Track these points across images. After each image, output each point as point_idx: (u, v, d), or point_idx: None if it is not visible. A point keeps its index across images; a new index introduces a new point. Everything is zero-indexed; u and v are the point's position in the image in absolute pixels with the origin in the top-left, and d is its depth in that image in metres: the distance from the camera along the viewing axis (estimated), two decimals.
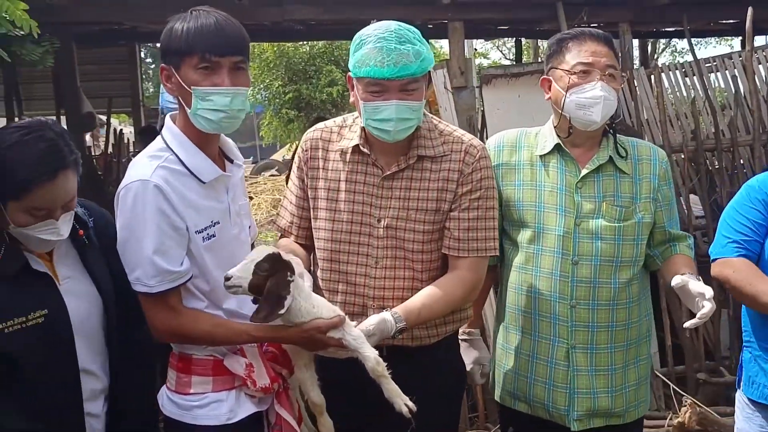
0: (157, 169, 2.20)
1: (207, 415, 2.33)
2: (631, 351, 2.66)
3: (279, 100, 16.81)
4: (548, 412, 2.67)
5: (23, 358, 2.14)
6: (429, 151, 2.51)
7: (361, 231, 2.53)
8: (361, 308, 2.53)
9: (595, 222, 2.59)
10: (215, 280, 2.29)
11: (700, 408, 4.66)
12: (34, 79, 9.92)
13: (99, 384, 2.32)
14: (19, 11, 3.10)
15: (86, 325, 2.27)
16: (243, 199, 2.48)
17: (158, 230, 2.18)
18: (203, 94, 2.19)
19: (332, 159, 2.58)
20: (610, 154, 2.62)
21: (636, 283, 2.64)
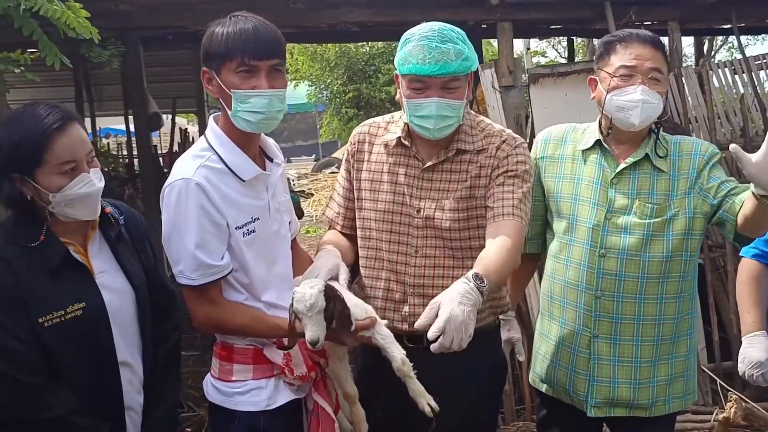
0: (199, 169, 2.29)
1: (247, 401, 2.41)
2: (663, 346, 2.66)
3: (339, 99, 17.09)
4: (569, 396, 2.74)
5: (63, 351, 2.20)
6: (468, 145, 2.57)
7: (401, 221, 2.59)
8: (402, 295, 2.59)
9: (625, 218, 2.62)
10: (254, 274, 2.38)
11: (746, 403, 4.67)
12: (105, 81, 10.28)
13: (136, 377, 2.38)
14: (81, 19, 3.20)
15: (122, 318, 2.33)
16: (283, 195, 2.55)
17: (200, 226, 2.26)
18: (243, 96, 2.26)
19: (376, 152, 2.67)
20: (647, 152, 2.64)
21: (673, 280, 2.64)
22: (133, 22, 5.82)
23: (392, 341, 2.38)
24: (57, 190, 2.16)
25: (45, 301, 2.18)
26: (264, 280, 2.41)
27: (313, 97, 17.49)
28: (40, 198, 2.20)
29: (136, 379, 2.38)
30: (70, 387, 2.21)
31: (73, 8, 3.17)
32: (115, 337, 2.29)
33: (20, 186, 2.19)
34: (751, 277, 2.89)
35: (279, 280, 2.46)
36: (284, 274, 2.50)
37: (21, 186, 2.19)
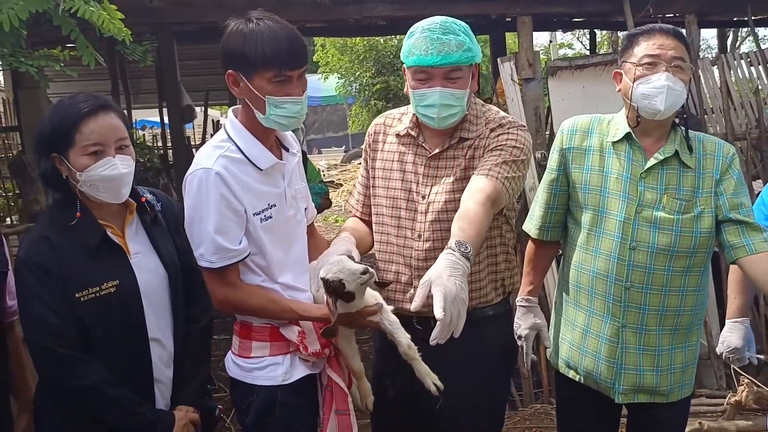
0: (219, 159, 2.40)
1: (265, 376, 2.52)
2: (679, 335, 2.73)
3: (368, 92, 17.20)
4: (596, 383, 2.79)
5: (96, 325, 2.34)
6: (471, 133, 2.66)
7: (408, 207, 2.69)
8: (409, 278, 2.70)
9: (654, 212, 2.65)
10: (271, 257, 2.50)
11: (757, 387, 4.79)
12: (140, 75, 10.48)
13: (165, 352, 2.50)
14: (115, 21, 3.33)
15: (154, 297, 2.45)
16: (299, 183, 2.65)
17: (219, 213, 2.38)
18: (278, 102, 2.37)
19: (389, 142, 2.78)
20: (677, 148, 2.66)
21: (694, 274, 2.70)
22: (166, 17, 5.94)
23: (398, 327, 2.50)
24: (83, 170, 2.31)
25: (82, 278, 2.33)
26: (281, 263, 2.53)
27: (342, 90, 17.65)
28: (72, 177, 2.35)
29: (166, 355, 2.50)
30: (102, 359, 2.35)
31: (109, 10, 3.30)
32: (146, 313, 2.42)
33: (58, 165, 2.35)
34: None
35: (295, 263, 2.59)
36: (300, 258, 2.62)
37: (59, 165, 2.35)
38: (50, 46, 4.18)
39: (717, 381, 5.30)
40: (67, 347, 2.30)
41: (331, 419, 2.52)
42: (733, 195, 2.65)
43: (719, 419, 4.87)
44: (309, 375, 2.56)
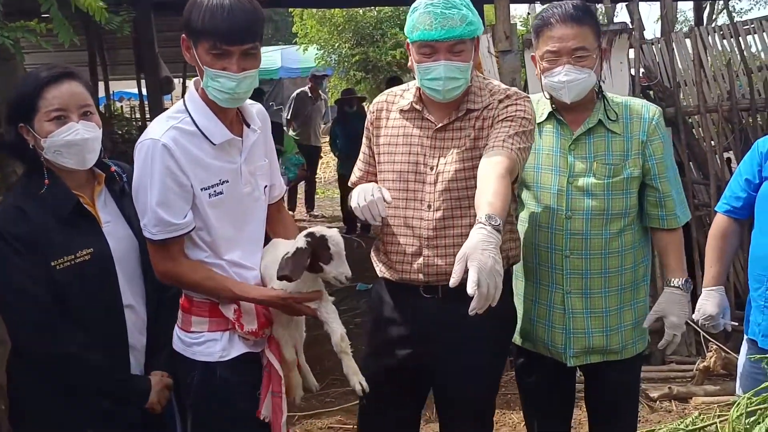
0: (169, 130, 2.38)
1: (203, 352, 2.49)
2: (626, 294, 2.85)
3: (347, 63, 17.15)
4: (548, 349, 2.90)
5: (72, 293, 2.36)
6: (477, 104, 2.67)
7: (416, 179, 2.72)
8: (417, 248, 2.71)
9: (586, 180, 2.77)
10: (218, 234, 2.46)
11: (725, 353, 4.93)
12: (118, 46, 10.40)
13: (139, 319, 2.52)
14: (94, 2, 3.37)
15: (126, 264, 2.48)
16: (261, 160, 2.60)
17: (163, 185, 2.35)
18: (213, 74, 2.34)
19: (393, 118, 2.81)
20: (600, 118, 2.79)
21: (629, 232, 2.83)
22: None
23: (335, 318, 2.52)
24: (46, 136, 2.35)
25: (57, 246, 2.36)
26: (229, 240, 2.50)
27: (321, 61, 17.58)
28: (37, 145, 2.39)
29: (139, 322, 2.53)
30: (79, 326, 2.38)
31: None
32: (120, 281, 2.45)
33: (25, 135, 2.40)
34: (719, 233, 3.04)
35: (247, 241, 2.56)
36: (254, 236, 2.58)
37: (26, 135, 2.40)
38: (26, 18, 4.16)
39: (687, 348, 5.43)
40: (46, 315, 2.34)
41: (267, 399, 2.52)
42: (660, 161, 2.80)
43: (688, 384, 5.03)
44: (250, 353, 2.54)
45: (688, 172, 5.72)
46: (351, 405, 4.56)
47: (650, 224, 2.87)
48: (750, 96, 5.81)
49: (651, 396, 4.87)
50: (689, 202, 5.51)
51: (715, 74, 6.08)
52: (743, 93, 6.00)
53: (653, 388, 4.96)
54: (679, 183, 2.91)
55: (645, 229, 2.91)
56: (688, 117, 5.84)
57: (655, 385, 5.04)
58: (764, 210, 2.85)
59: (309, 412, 4.76)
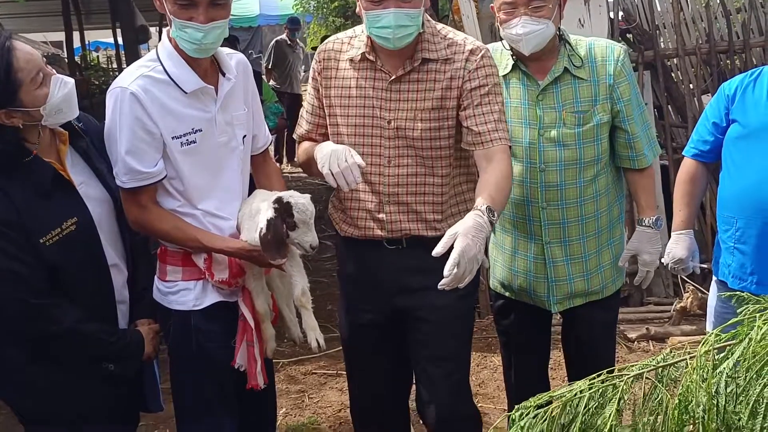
0: (138, 78, 2.37)
1: (177, 301, 2.53)
2: (603, 236, 2.90)
3: (326, 9, 16.95)
4: (531, 298, 2.96)
5: (63, 266, 2.31)
6: (433, 54, 2.58)
7: (373, 133, 2.63)
8: (377, 205, 2.67)
9: (556, 131, 2.76)
10: (190, 183, 2.46)
11: (702, 294, 5.03)
12: None
13: (122, 275, 2.52)
14: None
15: (106, 224, 2.45)
16: (239, 110, 2.57)
17: (131, 134, 2.35)
18: (180, 25, 2.34)
19: (343, 68, 2.68)
20: (566, 65, 2.76)
21: (602, 176, 2.85)
22: None
23: (299, 271, 2.52)
24: (45, 101, 2.25)
25: (43, 222, 2.27)
26: (202, 189, 2.50)
27: (299, 7, 17.34)
28: (31, 119, 2.26)
29: (123, 277, 2.52)
30: (73, 296, 2.35)
31: None
32: (102, 242, 2.42)
33: (6, 120, 2.23)
34: (687, 177, 3.07)
35: (223, 190, 2.54)
36: (230, 186, 2.56)
37: (7, 120, 2.23)
38: None
39: (665, 289, 5.54)
40: (40, 296, 2.29)
41: (242, 348, 2.54)
42: (628, 102, 2.80)
43: (666, 325, 5.14)
44: (226, 302, 2.56)
45: (666, 115, 5.75)
46: (334, 351, 4.61)
47: (621, 164, 2.90)
48: (728, 38, 5.82)
49: (629, 337, 4.98)
50: (667, 145, 5.59)
51: (694, 17, 6.06)
52: (722, 35, 5.99)
53: (631, 329, 5.06)
54: (646, 122, 2.92)
55: (617, 168, 2.93)
56: (667, 60, 5.85)
57: (633, 326, 5.14)
58: (731, 153, 2.87)
59: (293, 359, 4.84)
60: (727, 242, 2.90)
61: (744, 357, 1.67)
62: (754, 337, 1.64)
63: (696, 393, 1.69)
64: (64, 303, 2.34)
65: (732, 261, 2.89)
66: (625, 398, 1.82)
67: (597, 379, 1.87)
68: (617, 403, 1.80)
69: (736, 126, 2.85)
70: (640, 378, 1.86)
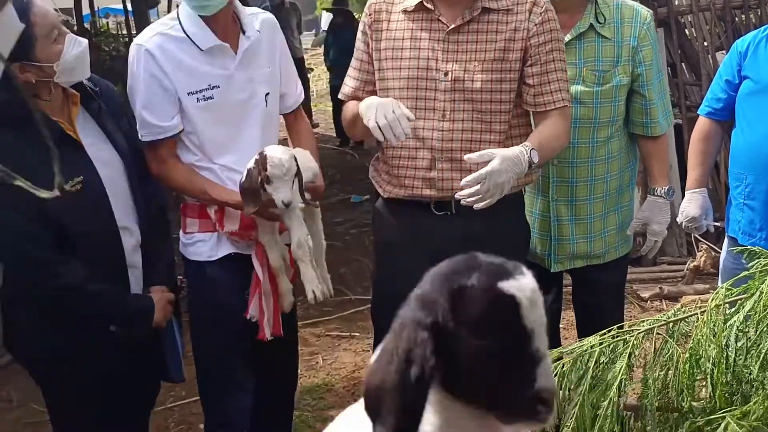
0: (154, 36, 2.48)
1: (194, 252, 2.62)
2: (611, 200, 2.84)
3: None
4: (532, 254, 2.86)
5: (68, 224, 2.30)
6: (493, 4, 2.47)
7: (427, 86, 2.51)
8: (429, 162, 2.52)
9: (575, 87, 2.68)
10: (207, 138, 2.53)
11: (715, 252, 5.01)
12: None
13: (133, 238, 2.50)
14: None
15: (116, 185, 2.44)
16: (262, 68, 2.60)
17: (147, 89, 2.46)
18: None
19: (395, 20, 2.57)
20: (591, 22, 2.70)
21: (615, 139, 2.79)
22: None
23: (298, 224, 2.51)
24: (59, 58, 2.26)
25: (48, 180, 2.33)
26: (221, 144, 2.56)
27: None
28: (44, 75, 2.26)
29: (134, 240, 2.51)
30: (78, 255, 2.33)
31: None
32: (111, 204, 2.41)
33: (20, 74, 2.21)
34: (701, 136, 3.05)
35: (242, 146, 2.55)
36: (250, 142, 2.56)
37: (21, 74, 2.22)
38: None
39: (678, 249, 5.52)
40: (42, 249, 2.29)
41: (254, 300, 2.58)
42: (649, 67, 2.76)
43: (679, 284, 5.13)
44: (241, 255, 2.60)
45: (680, 73, 5.69)
46: (348, 313, 4.65)
47: (634, 131, 2.86)
48: None
49: (642, 296, 4.97)
50: (681, 104, 5.54)
51: None
52: None
53: (644, 289, 5.05)
54: (664, 90, 2.90)
55: (631, 134, 2.90)
56: (681, 17, 5.77)
57: (646, 285, 5.14)
58: (743, 109, 2.86)
59: (306, 321, 4.86)
60: (737, 198, 2.90)
61: (755, 311, 1.67)
62: (765, 291, 1.64)
63: (706, 347, 1.70)
64: (71, 261, 2.33)
65: (741, 217, 2.89)
66: (636, 353, 1.83)
67: (608, 334, 1.88)
68: (628, 357, 1.81)
69: (748, 82, 2.83)
70: (650, 333, 1.87)
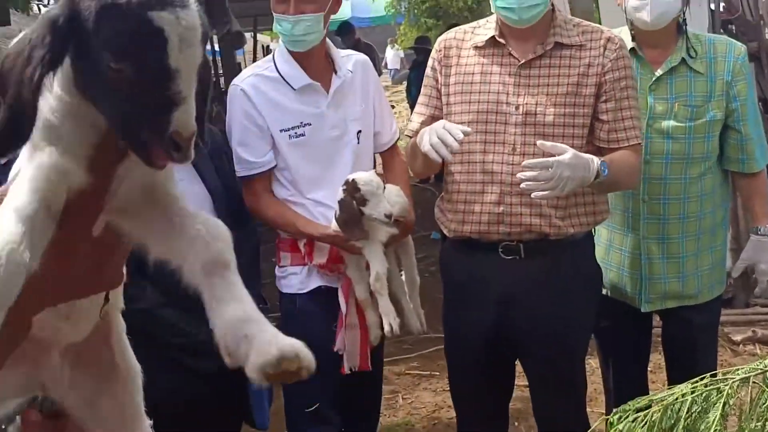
0: (250, 77, 2.66)
1: (286, 284, 2.75)
2: (704, 239, 2.78)
3: (417, 10, 17.03)
4: (622, 294, 2.87)
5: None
6: (566, 39, 2.49)
7: (497, 120, 2.50)
8: (497, 196, 2.51)
9: (666, 123, 2.68)
10: (299, 173, 2.66)
11: None
12: None
13: None
14: None
15: None
16: (354, 106, 2.70)
17: (241, 126, 2.62)
18: (276, 18, 2.61)
19: (465, 56, 2.60)
20: (683, 56, 2.69)
21: (709, 176, 2.75)
22: None
23: (376, 257, 2.56)
24: None
25: None
26: (313, 180, 2.67)
27: (391, 9, 17.45)
28: None
29: None
30: (157, 282, 2.35)
31: None
32: None
33: None
34: None
35: (333, 182, 2.61)
36: (342, 177, 2.60)
37: None
38: None
39: None
40: None
41: (341, 333, 2.64)
42: (744, 102, 2.72)
43: None
44: (331, 288, 2.69)
45: None
46: (428, 352, 4.61)
47: (730, 167, 2.80)
48: None
49: (734, 339, 4.80)
50: None
51: None
52: None
53: (736, 332, 4.87)
54: (760, 125, 2.83)
55: (725, 171, 2.83)
56: None
57: (738, 328, 4.95)
58: None
59: (387, 359, 4.80)
60: None
61: None
62: None
63: None
64: (145, 285, 2.36)
65: None
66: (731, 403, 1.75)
67: (700, 382, 1.81)
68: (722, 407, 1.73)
69: None
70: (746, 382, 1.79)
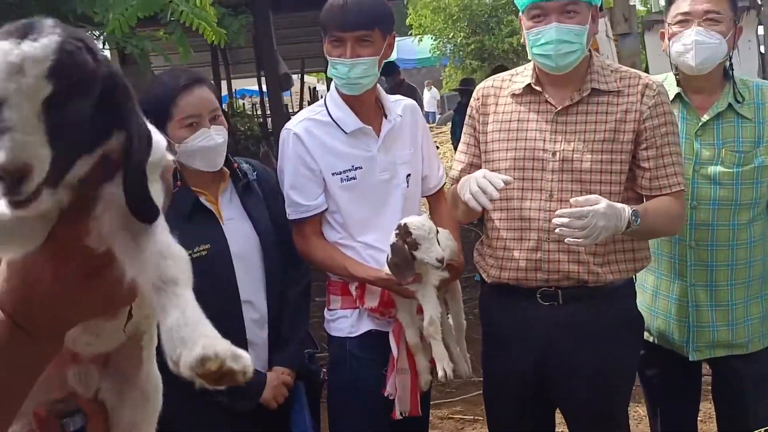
0: (302, 121, 2.68)
1: (336, 328, 2.72)
2: (753, 286, 2.72)
3: (462, 52, 17.17)
4: (669, 342, 2.80)
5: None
6: (603, 85, 2.46)
7: (534, 166, 2.49)
8: (535, 243, 2.49)
9: (713, 168, 2.63)
10: (350, 216, 2.65)
11: None
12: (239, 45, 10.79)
13: (258, 314, 2.54)
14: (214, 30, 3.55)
15: (247, 260, 2.52)
16: (404, 149, 2.72)
17: (294, 170, 2.62)
18: (331, 62, 2.60)
19: (503, 103, 2.60)
20: (730, 101, 2.65)
21: (758, 222, 2.69)
22: None
23: (429, 301, 2.53)
24: (181, 142, 2.39)
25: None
26: (362, 223, 2.66)
27: (436, 51, 17.61)
28: (170, 150, 2.47)
29: (258, 316, 2.55)
30: None
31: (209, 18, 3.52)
32: (238, 276, 2.49)
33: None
34: None
35: (385, 225, 2.61)
36: (391, 221, 2.59)
37: None
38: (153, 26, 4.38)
39: None
40: None
41: (391, 377, 2.61)
42: None
43: None
44: (382, 332, 2.66)
45: None
46: (471, 396, 4.56)
47: None
48: None
49: None
50: None
51: None
52: None
53: None
54: None
55: None
56: None
57: None
58: None
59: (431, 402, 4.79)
60: None
61: None
62: None
63: None
64: None
65: None
66: None
67: None
68: None
69: None
70: None
